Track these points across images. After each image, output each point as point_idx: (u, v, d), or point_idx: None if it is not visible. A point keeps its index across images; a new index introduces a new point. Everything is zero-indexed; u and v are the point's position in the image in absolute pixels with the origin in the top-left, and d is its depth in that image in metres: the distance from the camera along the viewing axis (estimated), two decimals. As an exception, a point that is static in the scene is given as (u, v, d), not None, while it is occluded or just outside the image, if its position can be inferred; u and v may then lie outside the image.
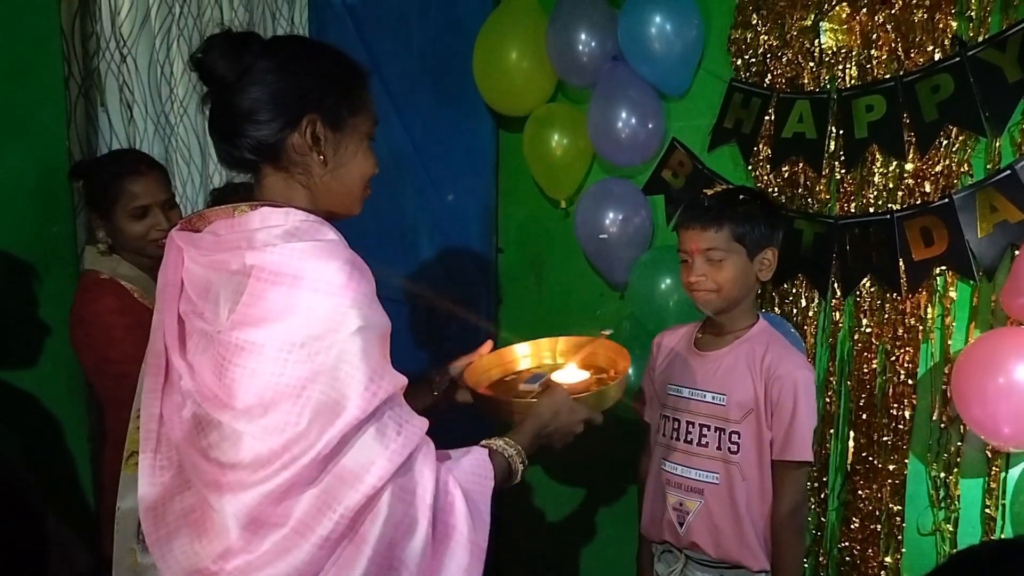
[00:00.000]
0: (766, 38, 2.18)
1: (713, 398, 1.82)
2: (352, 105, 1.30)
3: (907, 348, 1.98)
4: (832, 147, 2.07)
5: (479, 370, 1.77)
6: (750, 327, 1.85)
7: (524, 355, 1.87)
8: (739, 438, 1.78)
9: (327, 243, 1.19)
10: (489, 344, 1.82)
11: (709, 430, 1.82)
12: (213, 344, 1.18)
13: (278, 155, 1.26)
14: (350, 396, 1.13)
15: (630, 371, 1.68)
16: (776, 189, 2.17)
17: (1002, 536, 1.85)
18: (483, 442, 1.39)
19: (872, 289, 2.03)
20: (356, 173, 1.32)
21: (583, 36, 2.41)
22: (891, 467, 2.01)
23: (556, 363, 1.83)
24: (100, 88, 2.29)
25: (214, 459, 1.17)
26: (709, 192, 1.87)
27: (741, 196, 1.83)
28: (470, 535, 1.23)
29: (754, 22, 2.20)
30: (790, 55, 2.14)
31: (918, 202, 1.93)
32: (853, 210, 2.04)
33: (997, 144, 1.83)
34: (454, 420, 1.64)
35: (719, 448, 1.80)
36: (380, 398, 1.16)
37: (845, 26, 2.04)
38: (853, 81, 2.03)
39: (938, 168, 1.91)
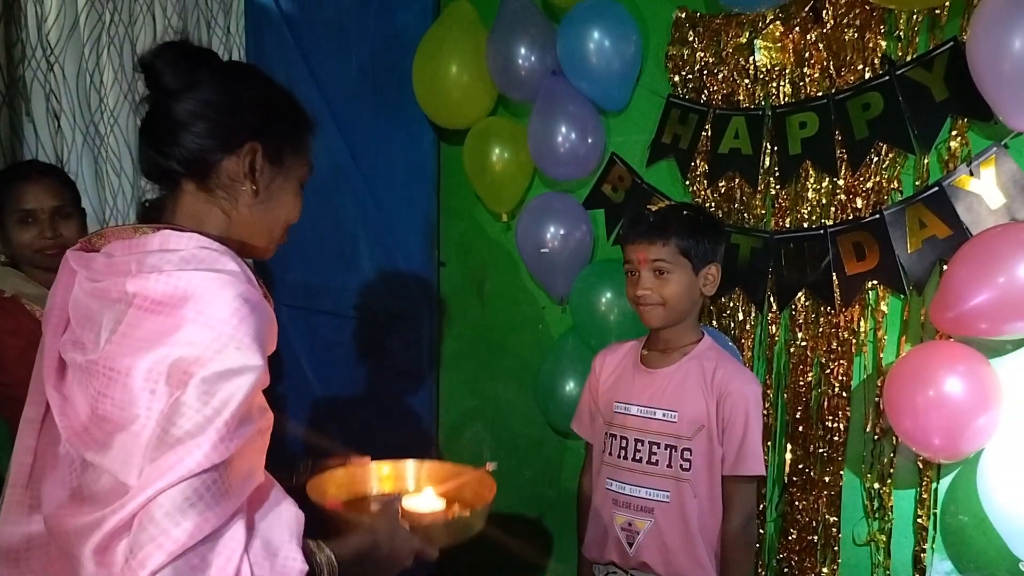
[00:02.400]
0: (702, 55, 2.20)
1: (664, 415, 1.81)
2: (294, 146, 1.27)
3: (841, 361, 2.01)
4: (767, 163, 2.10)
5: (329, 482, 1.60)
6: (696, 343, 1.85)
7: (385, 475, 1.68)
8: (691, 455, 1.77)
9: (223, 274, 1.10)
10: (366, 460, 1.66)
11: (659, 447, 1.81)
12: (88, 376, 1.10)
13: (207, 174, 1.20)
14: (201, 444, 1.00)
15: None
16: (713, 204, 2.19)
17: (932, 547, 1.88)
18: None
19: (807, 303, 2.06)
20: (281, 214, 1.28)
21: (523, 50, 2.41)
22: (827, 479, 2.04)
23: (418, 488, 1.65)
24: (25, 97, 2.23)
25: (87, 499, 1.06)
26: (653, 208, 1.87)
27: (684, 212, 1.85)
28: None
29: (691, 39, 2.22)
30: (726, 72, 2.17)
31: (850, 217, 1.97)
32: (788, 225, 2.08)
33: (925, 161, 1.87)
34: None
35: (670, 466, 1.79)
36: (230, 451, 1.03)
37: (779, 44, 2.07)
38: (787, 98, 2.07)
39: (869, 184, 1.95)
